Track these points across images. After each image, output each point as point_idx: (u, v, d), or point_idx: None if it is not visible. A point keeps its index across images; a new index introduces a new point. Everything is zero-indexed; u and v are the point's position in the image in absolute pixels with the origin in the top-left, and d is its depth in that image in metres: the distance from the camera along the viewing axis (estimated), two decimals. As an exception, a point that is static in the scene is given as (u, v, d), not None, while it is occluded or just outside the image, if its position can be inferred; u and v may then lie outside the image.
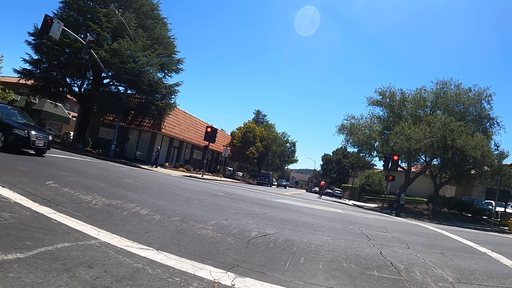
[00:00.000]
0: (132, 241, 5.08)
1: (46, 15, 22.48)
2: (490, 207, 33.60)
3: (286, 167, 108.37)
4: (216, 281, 3.99)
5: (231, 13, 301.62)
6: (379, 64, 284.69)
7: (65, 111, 49.36)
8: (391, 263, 6.37)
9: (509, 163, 33.11)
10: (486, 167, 30.86)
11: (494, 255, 9.43)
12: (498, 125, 35.07)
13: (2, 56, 43.55)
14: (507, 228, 26.65)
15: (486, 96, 34.92)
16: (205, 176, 35.68)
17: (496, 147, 32.51)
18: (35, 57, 31.90)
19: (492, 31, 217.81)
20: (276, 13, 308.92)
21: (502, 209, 31.52)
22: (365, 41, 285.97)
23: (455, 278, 5.98)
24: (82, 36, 29.85)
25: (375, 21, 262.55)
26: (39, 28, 25.07)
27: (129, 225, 6.12)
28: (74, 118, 48.79)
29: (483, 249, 10.31)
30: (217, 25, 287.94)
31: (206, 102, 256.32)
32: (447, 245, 10.45)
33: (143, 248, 4.81)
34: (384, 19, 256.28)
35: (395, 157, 32.78)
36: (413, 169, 40.26)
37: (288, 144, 79.64)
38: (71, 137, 40.68)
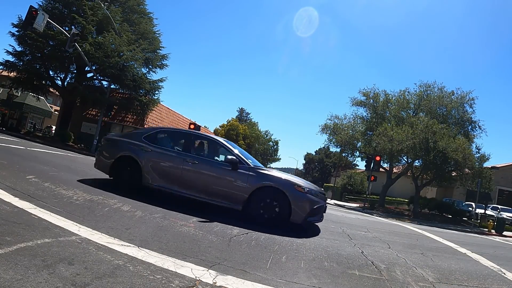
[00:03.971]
0: (113, 238, 5.05)
1: (31, 7, 22.17)
2: (470, 208, 34.06)
3: (269, 166, 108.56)
4: (197, 278, 3.99)
5: (217, 10, 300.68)
6: (367, 64, 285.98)
7: (48, 104, 48.80)
8: (372, 262, 6.41)
9: (490, 166, 33.59)
10: (467, 170, 31.26)
11: (474, 256, 9.55)
12: (480, 129, 35.70)
13: (-16, 48, 43.04)
14: (486, 229, 27.00)
15: (468, 100, 35.49)
16: (187, 173, 35.51)
17: (477, 150, 33.06)
18: (19, 49, 31.48)
19: (479, 36, 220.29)
20: (260, 11, 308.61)
21: (482, 211, 31.93)
22: (355, 42, 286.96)
23: (436, 278, 6.04)
24: (67, 28, 29.50)
25: (367, 24, 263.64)
26: (23, 19, 24.78)
27: (110, 221, 6.07)
28: (56, 112, 48.29)
29: (463, 250, 10.44)
30: (204, 22, 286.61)
31: (190, 98, 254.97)
32: (427, 245, 10.55)
33: (124, 245, 4.78)
34: (378, 22, 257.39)
35: (377, 158, 33.00)
36: (395, 170, 40.62)
37: (271, 142, 79.75)
38: (53, 131, 40.22)
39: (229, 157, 8.60)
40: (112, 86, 33.48)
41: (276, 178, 8.44)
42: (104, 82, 33.09)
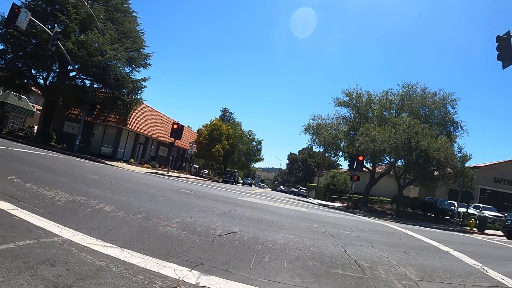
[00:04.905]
0: (95, 239, 5.03)
1: (13, 4, 22.03)
2: (453, 207, 34.46)
3: (252, 166, 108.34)
4: (180, 279, 3.98)
5: (203, 8, 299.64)
6: (357, 64, 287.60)
7: (30, 104, 48.22)
8: (355, 261, 6.44)
9: (472, 166, 34.01)
10: (449, 169, 31.65)
11: (456, 254, 9.65)
12: (462, 129, 36.26)
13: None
14: (468, 228, 27.43)
15: (451, 101, 36.04)
16: (170, 173, 35.51)
17: (459, 150, 33.61)
18: (0, 47, 31.16)
19: (467, 35, 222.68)
20: (250, 8, 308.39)
21: (464, 209, 32.35)
22: (346, 42, 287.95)
23: (418, 276, 6.10)
24: (50, 27, 29.23)
25: (360, 24, 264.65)
26: (6, 17, 24.53)
27: (92, 222, 6.05)
28: (38, 112, 47.77)
29: (445, 248, 10.54)
30: (185, 21, 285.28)
31: (173, 98, 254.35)
32: (410, 244, 10.64)
33: (107, 246, 4.76)
34: (371, 24, 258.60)
35: (360, 158, 33.30)
36: (377, 170, 40.98)
37: (254, 142, 79.60)
38: (35, 131, 39.81)
39: None
40: (94, 85, 33.20)
41: None
42: (87, 81, 32.94)
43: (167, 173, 34.74)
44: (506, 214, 30.00)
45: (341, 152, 42.27)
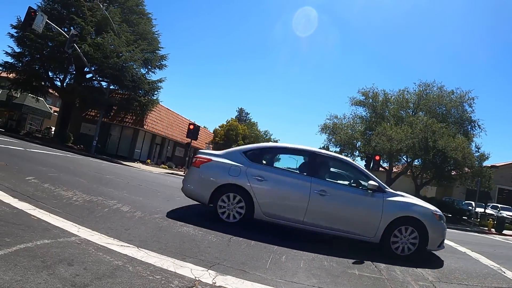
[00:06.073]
0: (112, 238, 5.05)
1: (29, 8, 22.14)
2: (470, 207, 34.02)
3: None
4: (197, 279, 3.99)
5: (215, 10, 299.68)
6: (367, 64, 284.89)
7: (47, 105, 48.61)
8: (371, 262, 6.40)
9: (489, 165, 33.58)
10: (466, 169, 31.28)
11: (474, 254, 9.55)
12: (480, 128, 35.69)
13: (-17, 49, 42.80)
14: (486, 228, 27.02)
15: (468, 99, 35.48)
16: (187, 174, 35.51)
17: (477, 149, 33.10)
18: (18, 50, 31.44)
19: (479, 35, 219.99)
20: (258, 11, 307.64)
21: (482, 210, 31.91)
22: (354, 42, 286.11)
23: (435, 277, 6.05)
24: (66, 29, 29.47)
25: (366, 23, 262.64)
26: (22, 20, 24.73)
27: (109, 222, 6.08)
28: (55, 113, 48.17)
29: (463, 249, 10.43)
30: (203, 23, 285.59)
31: (189, 99, 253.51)
32: (427, 245, 10.51)
33: (124, 246, 4.78)
34: (377, 22, 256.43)
35: (377, 157, 32.96)
36: (394, 169, 40.55)
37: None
38: (53, 132, 40.14)
39: None
40: (111, 87, 33.37)
41: None
42: (103, 83, 33.09)
43: (184, 173, 34.80)
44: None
45: (357, 152, 41.87)
